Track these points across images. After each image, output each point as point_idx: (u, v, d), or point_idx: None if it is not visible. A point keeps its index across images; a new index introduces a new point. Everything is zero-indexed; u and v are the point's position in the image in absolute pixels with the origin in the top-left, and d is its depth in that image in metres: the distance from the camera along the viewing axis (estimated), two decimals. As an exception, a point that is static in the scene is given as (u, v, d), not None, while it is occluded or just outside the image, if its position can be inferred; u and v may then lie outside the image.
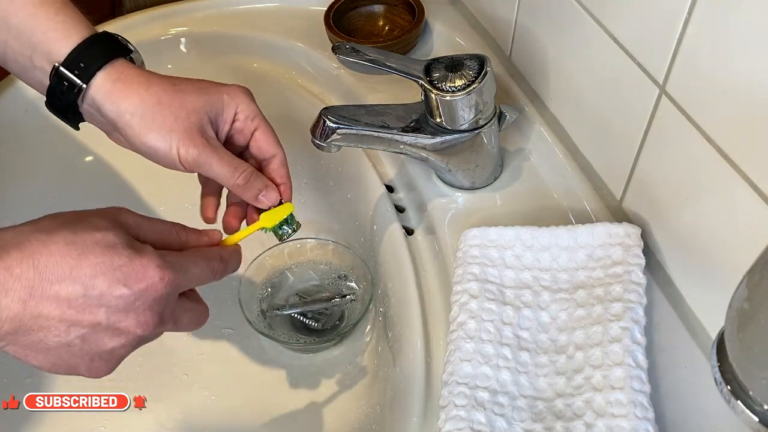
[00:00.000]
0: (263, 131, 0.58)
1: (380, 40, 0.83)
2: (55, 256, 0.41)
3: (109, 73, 0.54)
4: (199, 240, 0.51)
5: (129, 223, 0.46)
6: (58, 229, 0.43)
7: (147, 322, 0.44)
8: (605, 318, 0.54)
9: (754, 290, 0.33)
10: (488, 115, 0.62)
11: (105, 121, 0.55)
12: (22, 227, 0.43)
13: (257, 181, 0.56)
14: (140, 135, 0.53)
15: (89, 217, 0.45)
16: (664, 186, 0.56)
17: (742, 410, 0.35)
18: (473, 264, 0.59)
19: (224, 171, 0.55)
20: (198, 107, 0.55)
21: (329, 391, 0.71)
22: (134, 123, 0.54)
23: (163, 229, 0.49)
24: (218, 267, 0.50)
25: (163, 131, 0.53)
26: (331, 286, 0.76)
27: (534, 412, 0.52)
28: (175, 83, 0.55)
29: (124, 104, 0.53)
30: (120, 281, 0.42)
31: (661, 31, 0.51)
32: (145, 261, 0.43)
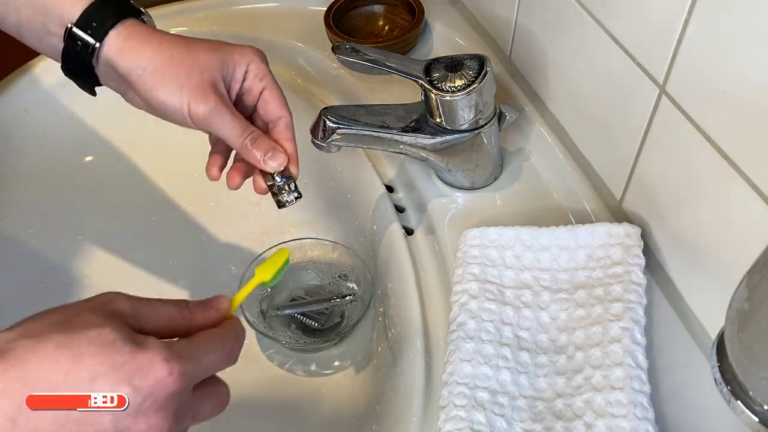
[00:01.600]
0: (271, 91, 0.57)
1: (380, 40, 0.83)
2: (46, 363, 0.37)
3: (120, 32, 0.54)
4: (206, 315, 0.46)
5: (125, 312, 0.42)
6: (47, 332, 0.38)
7: (160, 426, 0.39)
8: (605, 318, 0.54)
9: (754, 290, 0.33)
10: (488, 115, 0.62)
11: (120, 79, 0.55)
12: (4, 333, 0.38)
13: (264, 143, 0.55)
14: (152, 90, 0.53)
15: (80, 313, 0.40)
16: (664, 186, 0.56)
17: (742, 410, 0.35)
18: (473, 264, 0.59)
19: (233, 130, 0.54)
20: (210, 65, 0.54)
21: (329, 391, 0.71)
22: (146, 78, 0.53)
23: (164, 311, 0.44)
24: (234, 347, 0.46)
25: (174, 86, 0.53)
26: (331, 286, 0.76)
27: (534, 412, 0.52)
28: (187, 41, 0.55)
29: (137, 60, 0.53)
30: (123, 381, 0.38)
31: (661, 31, 0.51)
32: (150, 355, 0.39)
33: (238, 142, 0.54)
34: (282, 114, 0.57)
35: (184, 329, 0.45)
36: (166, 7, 0.90)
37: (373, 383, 0.67)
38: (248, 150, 0.54)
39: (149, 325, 0.42)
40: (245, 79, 0.56)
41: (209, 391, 0.44)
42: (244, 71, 0.56)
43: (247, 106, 0.57)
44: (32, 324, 0.39)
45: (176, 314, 0.44)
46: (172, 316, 0.44)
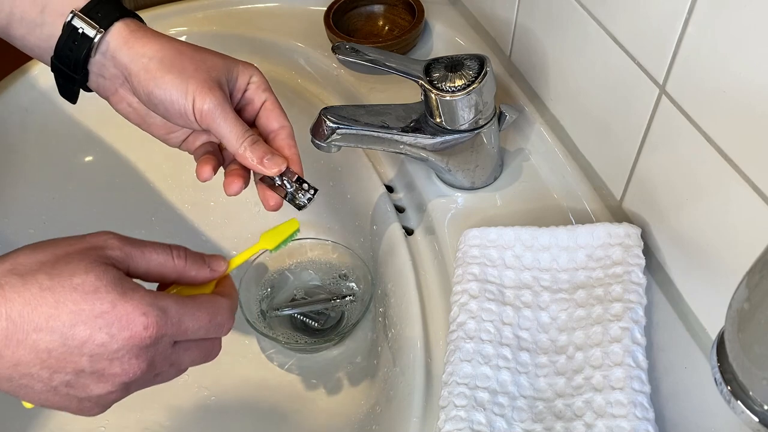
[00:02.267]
0: (272, 103, 0.57)
1: (380, 40, 0.83)
2: (29, 305, 0.39)
3: (127, 24, 0.53)
4: (199, 271, 0.47)
5: (116, 257, 0.43)
6: (35, 271, 0.40)
7: (133, 371, 0.41)
8: (605, 318, 0.54)
9: (754, 290, 0.33)
10: (488, 115, 0.62)
11: (116, 73, 0.54)
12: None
13: (263, 146, 0.54)
14: (156, 78, 0.52)
15: (69, 255, 0.41)
16: (664, 186, 0.56)
17: (742, 410, 0.35)
18: (473, 264, 0.59)
19: (235, 129, 0.52)
20: (217, 66, 0.54)
21: (329, 391, 0.71)
22: (152, 66, 0.52)
23: (156, 259, 0.45)
24: (227, 323, 0.47)
25: (182, 76, 0.52)
26: (331, 286, 0.76)
27: (534, 412, 0.52)
28: (193, 44, 0.55)
29: (144, 50, 0.52)
30: (102, 329, 0.40)
31: (661, 31, 0.51)
32: (130, 307, 0.40)
33: (238, 143, 0.53)
34: (284, 124, 0.56)
35: (174, 278, 0.46)
36: (166, 7, 0.90)
37: (373, 383, 0.67)
38: (247, 152, 0.53)
39: (139, 270, 0.44)
40: (247, 89, 0.56)
41: (194, 344, 0.45)
42: (246, 81, 0.56)
43: (247, 117, 0.57)
44: (23, 258, 0.41)
45: (168, 262, 0.46)
46: (163, 263, 0.45)
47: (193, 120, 0.53)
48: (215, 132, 0.53)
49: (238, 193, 0.56)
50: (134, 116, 0.57)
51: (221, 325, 0.46)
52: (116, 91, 0.55)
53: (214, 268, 0.49)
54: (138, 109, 0.56)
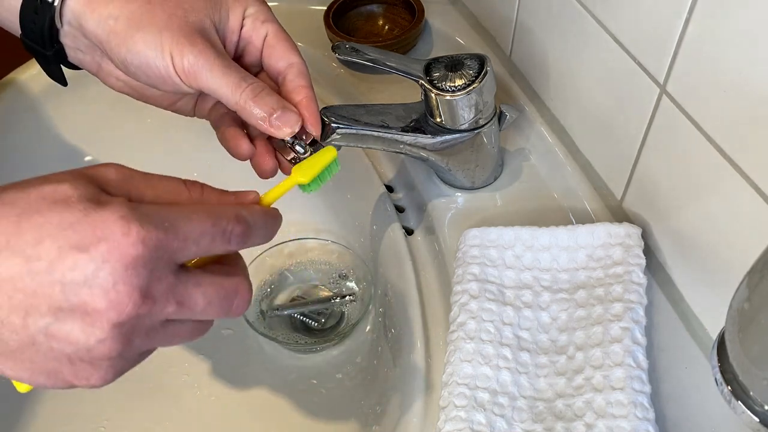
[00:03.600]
0: (276, 35, 0.47)
1: (380, 39, 0.83)
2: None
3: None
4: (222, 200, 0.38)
5: (108, 177, 0.34)
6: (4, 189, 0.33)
7: (123, 302, 0.31)
8: (605, 318, 0.54)
9: (754, 290, 0.33)
10: (488, 114, 0.62)
11: (89, 43, 0.46)
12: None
13: (269, 98, 0.44)
14: (126, 40, 0.43)
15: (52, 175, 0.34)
16: (665, 186, 0.56)
17: (743, 411, 0.35)
18: (473, 264, 0.59)
19: (226, 81, 0.43)
20: (198, 7, 0.44)
21: (329, 391, 0.71)
22: (119, 27, 0.43)
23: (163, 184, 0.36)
24: (234, 229, 0.35)
25: (153, 31, 0.43)
26: (331, 286, 0.76)
27: (534, 412, 0.52)
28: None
29: (107, 9, 0.44)
30: (73, 245, 0.31)
31: (661, 31, 0.51)
32: (105, 214, 0.31)
33: (234, 97, 0.43)
34: (292, 60, 0.46)
35: None
36: (166, 6, 0.90)
37: (373, 383, 0.67)
38: (248, 107, 0.43)
39: (144, 198, 0.35)
40: (243, 26, 0.46)
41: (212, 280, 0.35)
42: (241, 16, 0.46)
43: (251, 63, 0.47)
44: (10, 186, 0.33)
45: (180, 190, 0.36)
46: (173, 191, 0.36)
47: (179, 82, 0.44)
48: (207, 91, 0.44)
49: (273, 173, 0.47)
50: (129, 90, 0.48)
51: (227, 231, 0.35)
52: (100, 67, 0.48)
53: (242, 199, 0.39)
54: (128, 82, 0.48)
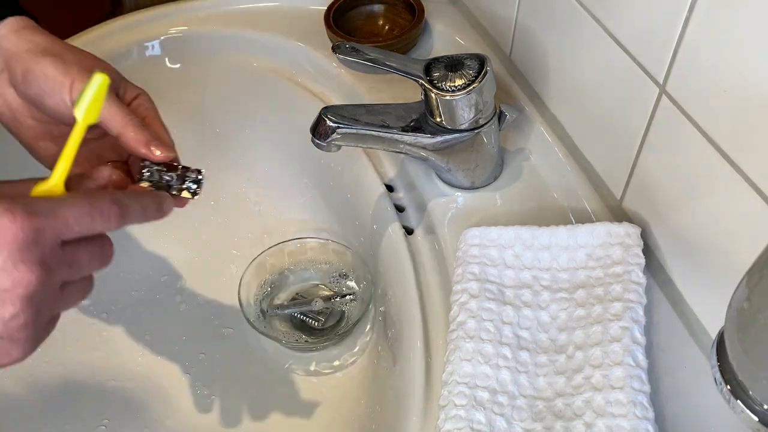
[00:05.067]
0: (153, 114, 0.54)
1: (380, 39, 0.83)
2: None
3: (21, 19, 0.52)
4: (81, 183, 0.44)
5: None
6: None
7: (27, 279, 0.37)
8: (605, 317, 0.54)
9: (753, 290, 0.33)
10: (488, 114, 0.62)
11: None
12: None
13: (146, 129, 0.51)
14: (38, 57, 0.49)
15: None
16: (664, 185, 0.56)
17: (742, 410, 0.35)
18: (473, 263, 0.59)
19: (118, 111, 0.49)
20: (108, 69, 0.52)
21: (329, 391, 0.71)
22: (36, 50, 0.50)
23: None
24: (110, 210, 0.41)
25: (64, 61, 0.49)
26: (331, 286, 0.76)
27: (534, 411, 0.52)
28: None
29: (32, 37, 0.50)
30: None
31: (661, 31, 0.51)
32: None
33: (121, 125, 0.49)
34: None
35: None
36: (166, 6, 0.90)
37: (373, 383, 0.67)
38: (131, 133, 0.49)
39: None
40: (130, 105, 0.54)
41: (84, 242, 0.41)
42: (132, 98, 0.54)
43: None
44: None
45: None
46: None
47: (68, 101, 0.49)
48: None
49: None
50: (6, 111, 0.53)
51: (106, 213, 0.41)
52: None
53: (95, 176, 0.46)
54: (11, 103, 0.52)
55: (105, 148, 0.56)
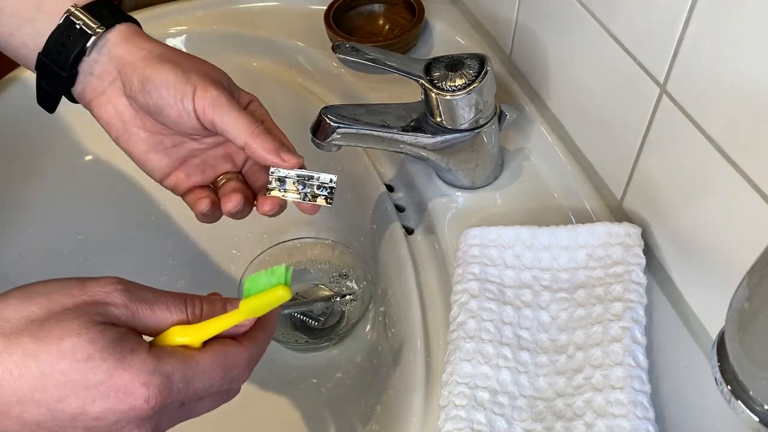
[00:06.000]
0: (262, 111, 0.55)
1: (380, 39, 0.83)
2: (11, 374, 0.35)
3: (130, 26, 0.52)
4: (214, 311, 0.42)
5: (119, 315, 0.38)
6: (20, 332, 0.35)
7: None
8: (605, 318, 0.54)
9: (754, 290, 0.33)
10: (488, 114, 0.62)
11: (109, 68, 0.50)
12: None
13: (274, 137, 0.50)
14: (155, 65, 0.48)
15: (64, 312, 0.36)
16: (665, 185, 0.56)
17: (743, 410, 0.35)
18: (473, 263, 0.59)
19: (243, 118, 0.49)
20: (222, 76, 0.52)
21: (329, 391, 0.71)
22: (151, 57, 0.49)
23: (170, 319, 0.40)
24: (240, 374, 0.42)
25: (183, 68, 0.49)
26: (331, 286, 0.76)
27: (534, 411, 0.52)
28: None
29: (144, 44, 0.50)
30: (96, 402, 0.35)
31: (661, 31, 0.51)
32: (128, 377, 0.36)
33: (247, 133, 0.48)
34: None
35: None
36: (167, 6, 0.90)
37: (373, 383, 0.67)
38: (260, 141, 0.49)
39: (148, 330, 0.39)
40: (245, 109, 0.53)
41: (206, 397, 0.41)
42: (247, 101, 0.54)
43: None
44: (10, 311, 0.36)
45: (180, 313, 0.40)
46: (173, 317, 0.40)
47: (191, 110, 0.49)
48: (219, 123, 0.49)
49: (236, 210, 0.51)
50: (117, 123, 0.52)
51: (237, 379, 0.42)
52: (104, 92, 0.52)
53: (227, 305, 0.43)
54: (123, 114, 0.52)
55: (217, 158, 0.55)
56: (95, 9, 0.51)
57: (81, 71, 0.51)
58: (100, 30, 0.50)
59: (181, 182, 0.54)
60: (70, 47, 0.50)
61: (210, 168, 0.54)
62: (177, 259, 0.80)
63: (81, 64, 0.51)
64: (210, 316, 0.41)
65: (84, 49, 0.50)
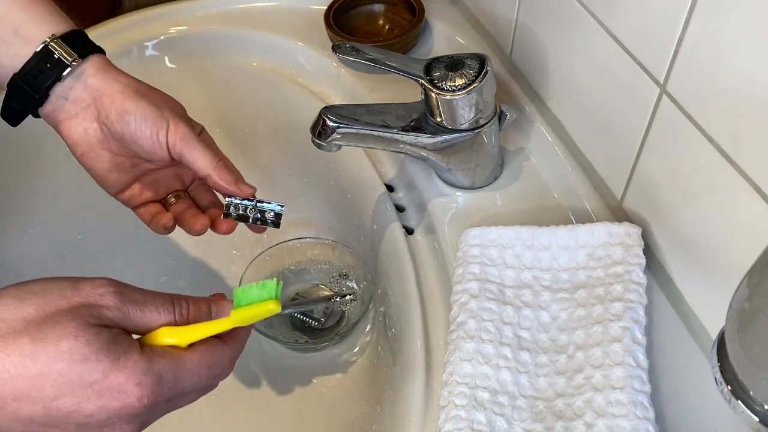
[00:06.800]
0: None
1: (380, 39, 0.83)
2: (8, 373, 0.36)
3: (101, 58, 0.56)
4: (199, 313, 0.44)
5: (112, 317, 0.40)
6: (18, 333, 0.37)
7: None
8: (605, 318, 0.54)
9: (754, 290, 0.33)
10: (488, 114, 0.62)
11: (83, 95, 0.55)
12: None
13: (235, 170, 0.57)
14: (134, 101, 0.54)
15: (60, 313, 0.38)
16: (665, 185, 0.56)
17: (743, 410, 0.35)
18: (473, 263, 0.59)
19: (208, 153, 0.55)
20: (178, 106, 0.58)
21: (329, 391, 0.71)
22: (128, 90, 0.55)
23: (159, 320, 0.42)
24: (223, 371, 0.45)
25: (156, 105, 0.55)
26: (331, 286, 0.76)
27: (534, 411, 0.52)
28: None
29: (118, 77, 0.55)
30: (91, 399, 0.37)
31: (661, 31, 0.51)
32: (122, 377, 0.38)
33: (210, 165, 0.55)
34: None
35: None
36: (167, 6, 0.90)
37: (373, 383, 0.67)
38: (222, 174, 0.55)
39: (139, 330, 0.42)
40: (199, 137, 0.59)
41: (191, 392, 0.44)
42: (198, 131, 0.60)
43: None
44: (6, 312, 0.37)
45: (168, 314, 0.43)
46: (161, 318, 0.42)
47: (164, 143, 0.55)
48: (187, 156, 0.55)
49: (203, 231, 0.59)
50: (85, 143, 0.56)
51: (219, 376, 0.45)
52: (76, 115, 0.56)
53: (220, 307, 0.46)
54: (92, 136, 0.56)
55: (169, 178, 0.61)
56: (72, 40, 0.55)
57: (53, 94, 0.55)
58: (76, 62, 0.54)
59: (135, 197, 0.60)
60: (47, 74, 0.54)
61: (162, 186, 0.61)
62: (177, 259, 0.80)
63: (54, 88, 0.55)
64: (196, 317, 0.44)
65: (60, 76, 0.54)
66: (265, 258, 0.75)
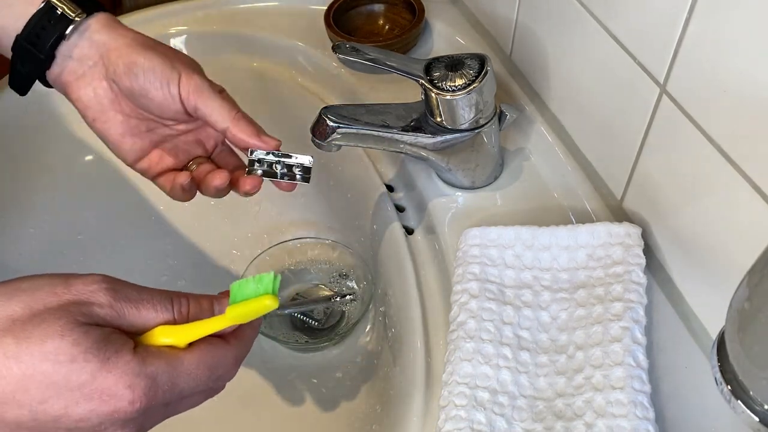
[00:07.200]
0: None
1: (380, 39, 0.83)
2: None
3: (108, 16, 0.53)
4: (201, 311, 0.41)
5: (104, 315, 0.37)
6: (2, 332, 0.35)
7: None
8: (605, 318, 0.54)
9: (754, 290, 0.33)
10: (488, 114, 0.62)
11: (90, 52, 0.52)
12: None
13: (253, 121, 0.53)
14: (141, 53, 0.51)
15: (48, 311, 0.35)
16: (665, 185, 0.56)
17: (743, 410, 0.35)
18: (473, 263, 0.59)
19: (225, 104, 0.51)
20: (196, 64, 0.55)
21: (329, 391, 0.71)
22: (135, 45, 0.51)
23: (156, 318, 0.39)
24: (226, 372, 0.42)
25: (166, 56, 0.51)
26: (331, 286, 0.76)
27: (534, 411, 0.52)
28: None
29: (125, 32, 0.52)
30: (80, 403, 0.35)
31: (662, 31, 0.51)
32: (112, 379, 0.35)
33: (229, 117, 0.51)
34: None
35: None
36: (166, 6, 0.90)
37: (373, 383, 0.67)
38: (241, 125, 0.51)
39: (134, 329, 0.39)
40: None
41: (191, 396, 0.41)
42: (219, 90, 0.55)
43: None
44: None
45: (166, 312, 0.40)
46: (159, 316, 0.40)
47: (176, 95, 0.51)
48: (202, 108, 0.51)
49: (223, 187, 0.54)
50: (95, 106, 0.53)
51: (222, 377, 0.42)
52: (83, 75, 0.53)
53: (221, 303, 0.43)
54: (102, 97, 0.53)
55: (189, 143, 0.57)
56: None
57: (59, 54, 0.52)
58: (80, 17, 0.51)
59: (153, 165, 0.56)
60: (50, 30, 0.51)
61: (183, 152, 0.56)
62: (177, 259, 0.80)
63: (59, 48, 0.52)
64: (197, 315, 0.41)
65: (64, 33, 0.51)
66: (265, 258, 0.75)
